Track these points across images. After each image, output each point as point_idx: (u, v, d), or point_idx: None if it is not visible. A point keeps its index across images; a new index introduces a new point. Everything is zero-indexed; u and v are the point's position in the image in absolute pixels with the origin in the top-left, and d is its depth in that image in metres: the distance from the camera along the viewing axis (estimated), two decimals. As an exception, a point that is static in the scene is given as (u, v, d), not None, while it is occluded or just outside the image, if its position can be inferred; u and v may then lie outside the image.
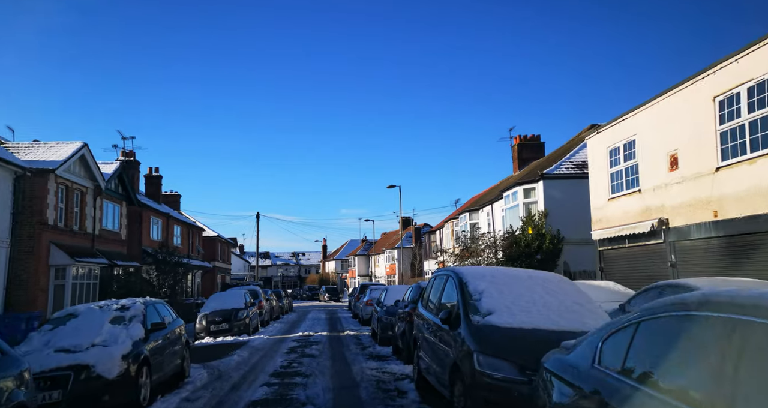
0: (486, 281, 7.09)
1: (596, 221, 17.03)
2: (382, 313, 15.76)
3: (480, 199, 35.03)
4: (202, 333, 19.21)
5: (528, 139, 34.04)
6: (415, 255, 62.49)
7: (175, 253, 25.54)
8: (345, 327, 23.08)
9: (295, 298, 80.00)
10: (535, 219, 21.80)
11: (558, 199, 21.66)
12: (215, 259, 47.00)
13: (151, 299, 10.15)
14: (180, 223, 37.08)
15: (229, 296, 21.27)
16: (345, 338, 18.16)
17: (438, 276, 8.75)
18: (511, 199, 24.11)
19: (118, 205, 26.59)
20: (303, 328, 22.87)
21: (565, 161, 22.60)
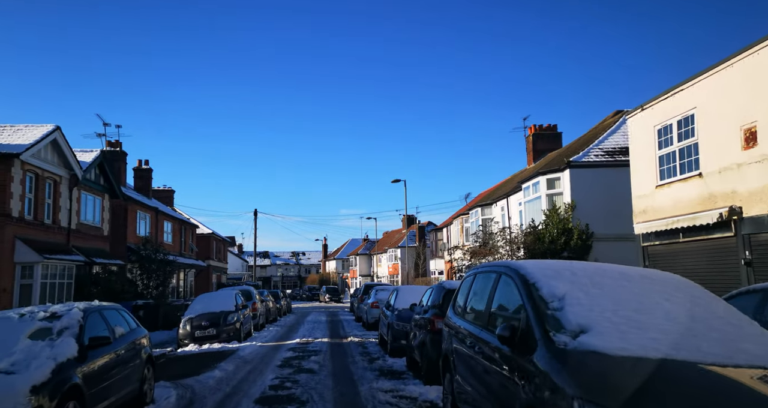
0: (566, 281, 4.79)
1: (640, 213, 14.72)
2: (393, 319, 13.47)
3: (492, 194, 32.72)
4: (186, 339, 16.91)
5: (544, 129, 31.76)
6: (419, 254, 60.25)
7: (161, 249, 23.28)
8: (348, 332, 20.78)
9: (295, 298, 77.78)
10: (560, 212, 19.50)
11: (587, 190, 19.35)
12: (210, 257, 44.71)
13: (100, 304, 7.86)
14: (171, 218, 34.79)
15: (218, 297, 18.97)
16: (349, 346, 15.86)
17: (481, 273, 6.45)
18: (532, 191, 21.80)
19: (100, 197, 24.30)
20: (301, 333, 20.57)
21: (594, 148, 20.28)
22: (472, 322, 6.06)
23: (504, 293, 5.37)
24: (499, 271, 5.69)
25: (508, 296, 5.23)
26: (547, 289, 4.65)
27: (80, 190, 22.25)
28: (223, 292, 20.26)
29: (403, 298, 14.27)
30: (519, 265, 5.32)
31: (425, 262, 60.09)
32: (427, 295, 10.85)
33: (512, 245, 20.05)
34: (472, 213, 31.50)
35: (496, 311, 5.41)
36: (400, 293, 14.59)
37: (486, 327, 5.43)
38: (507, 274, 5.38)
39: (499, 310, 5.36)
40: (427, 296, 10.79)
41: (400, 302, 14.13)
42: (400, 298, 14.36)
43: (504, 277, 5.43)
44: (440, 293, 9.78)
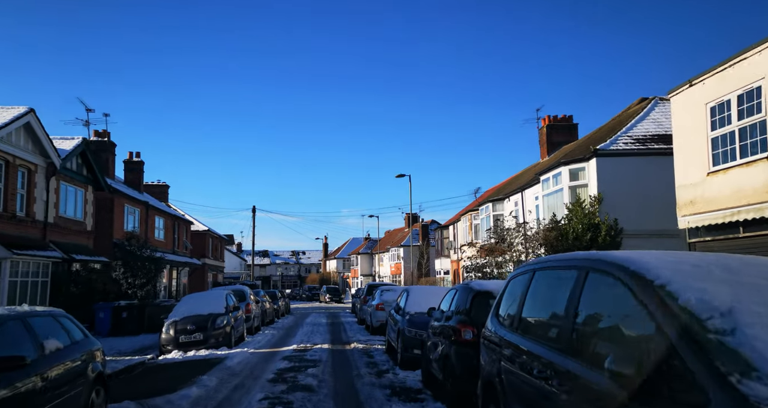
0: (717, 281, 2.95)
1: (686, 204, 12.86)
2: (404, 324, 11.62)
3: (502, 189, 30.87)
4: (168, 345, 15.06)
5: (558, 120, 29.90)
6: (422, 253, 58.42)
7: (148, 245, 21.44)
8: (351, 336, 18.94)
9: (294, 298, 76.01)
10: (585, 206, 17.66)
11: (615, 181, 17.51)
12: (205, 255, 42.89)
13: (29, 309, 6.00)
14: (163, 214, 32.95)
15: (206, 298, 17.12)
16: (352, 355, 14.02)
17: (545, 270, 4.60)
18: (552, 183, 19.95)
19: (82, 189, 22.48)
20: (299, 338, 18.72)
21: (622, 136, 18.43)
22: (535, 340, 4.20)
23: (598, 300, 3.51)
24: (582, 266, 3.83)
25: (609, 305, 3.37)
26: (695, 297, 2.79)
27: (59, 180, 20.43)
28: (212, 293, 18.42)
29: (416, 300, 12.42)
30: (625, 258, 3.45)
31: (428, 261, 58.29)
32: (449, 298, 9.00)
33: (531, 242, 18.19)
34: (482, 209, 29.66)
35: (584, 328, 3.55)
36: (412, 295, 12.73)
37: (567, 351, 3.59)
38: (602, 270, 3.52)
39: (592, 326, 3.50)
40: (449, 300, 8.94)
41: (412, 305, 12.29)
42: (411, 300, 12.51)
43: (596, 276, 3.58)
44: (467, 296, 7.93)
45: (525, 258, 18.37)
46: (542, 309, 4.32)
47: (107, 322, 19.58)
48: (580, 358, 3.39)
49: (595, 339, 3.35)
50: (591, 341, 3.39)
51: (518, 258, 18.56)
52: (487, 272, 18.69)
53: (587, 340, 3.44)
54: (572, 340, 3.58)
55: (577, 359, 3.42)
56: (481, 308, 7.77)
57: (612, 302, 3.33)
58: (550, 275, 4.36)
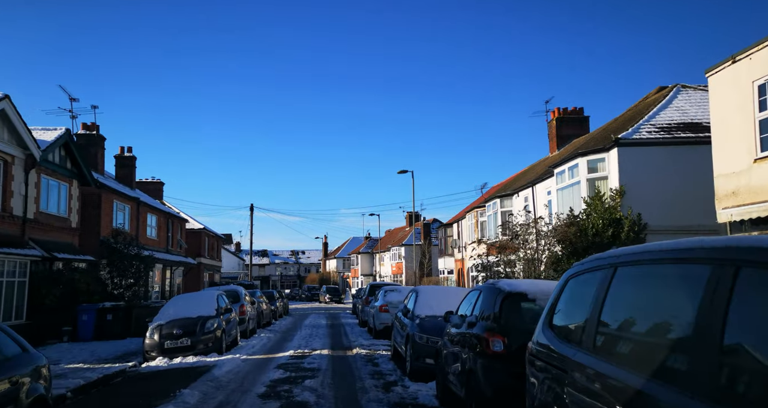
0: None
1: (727, 195, 11.53)
2: (413, 329, 10.30)
3: (510, 184, 29.53)
4: (153, 351, 13.74)
5: (569, 113, 28.58)
6: (424, 253, 57.15)
7: (135, 242, 20.09)
8: (352, 341, 17.61)
9: (294, 298, 74.72)
10: (605, 199, 16.33)
11: (638, 173, 16.18)
12: (201, 254, 41.55)
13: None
14: (155, 211, 31.60)
15: (195, 300, 15.80)
16: (355, 362, 12.69)
17: (630, 265, 3.24)
18: (568, 176, 18.61)
19: (66, 183, 21.13)
20: (297, 342, 17.40)
21: (644, 124, 17.10)
22: (635, 369, 2.83)
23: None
24: (723, 258, 2.46)
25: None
26: None
27: (40, 173, 19.09)
28: (202, 294, 17.09)
29: (426, 302, 11.10)
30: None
31: (431, 260, 57.03)
32: (470, 300, 7.67)
33: (547, 238, 16.84)
34: (489, 205, 28.32)
35: (743, 360, 2.19)
36: (422, 296, 11.40)
37: (708, 395, 2.24)
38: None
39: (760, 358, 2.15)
40: (470, 302, 7.61)
41: (422, 308, 10.96)
42: (421, 302, 11.18)
43: (759, 273, 2.23)
44: (495, 299, 6.60)
45: (539, 256, 17.04)
46: (642, 322, 2.97)
47: (91, 325, 18.25)
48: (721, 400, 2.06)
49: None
50: (758, 381, 2.05)
51: (532, 256, 17.23)
52: (498, 271, 17.37)
53: (751, 380, 2.10)
54: (718, 378, 2.23)
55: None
56: (513, 313, 6.46)
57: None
58: (650, 273, 3.02)
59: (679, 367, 2.47)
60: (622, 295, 3.25)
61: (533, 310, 6.33)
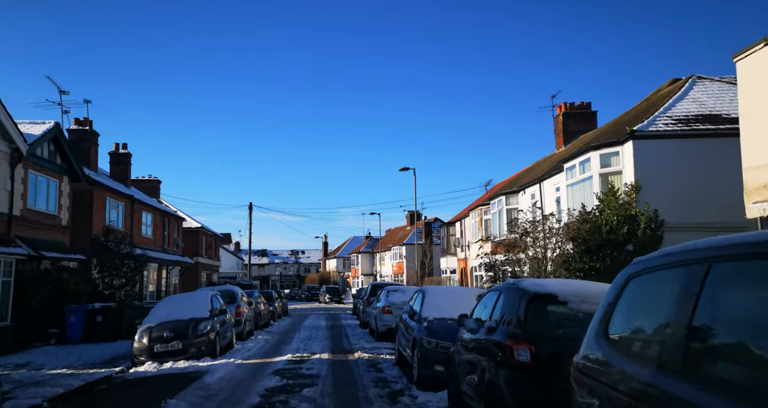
0: None
1: (757, 189, 10.72)
2: (421, 333, 9.49)
3: (515, 181, 28.74)
4: (142, 355, 12.92)
5: (576, 107, 27.80)
6: (425, 252, 56.37)
7: (127, 240, 19.25)
8: (354, 343, 16.79)
9: (293, 298, 73.99)
10: (619, 195, 15.52)
11: (654, 167, 15.38)
12: (199, 254, 40.75)
13: None
14: (151, 209, 30.78)
15: (188, 300, 15.00)
16: (357, 367, 11.88)
17: (732, 260, 2.44)
18: (579, 171, 17.80)
19: (56, 179, 20.32)
20: (295, 345, 16.59)
21: (660, 116, 16.29)
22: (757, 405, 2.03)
23: None
24: None
25: None
26: None
27: (27, 168, 18.28)
28: (196, 294, 16.29)
29: (435, 304, 10.29)
30: None
31: (432, 260, 56.27)
32: (487, 303, 6.85)
33: (558, 236, 16.02)
34: (493, 203, 27.51)
35: None
36: (429, 297, 10.58)
37: None
38: None
39: None
40: (487, 305, 6.80)
41: (429, 310, 10.15)
42: (429, 303, 10.36)
43: None
44: (519, 301, 5.79)
45: (549, 254, 16.22)
46: (763, 337, 2.15)
47: (79, 327, 17.44)
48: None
49: None
50: None
51: (542, 254, 16.40)
52: (506, 271, 16.55)
53: None
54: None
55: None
56: (540, 318, 5.66)
57: None
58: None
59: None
60: (722, 300, 2.43)
61: (565, 314, 5.53)
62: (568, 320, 5.53)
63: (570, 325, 5.48)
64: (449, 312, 10.00)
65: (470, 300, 10.51)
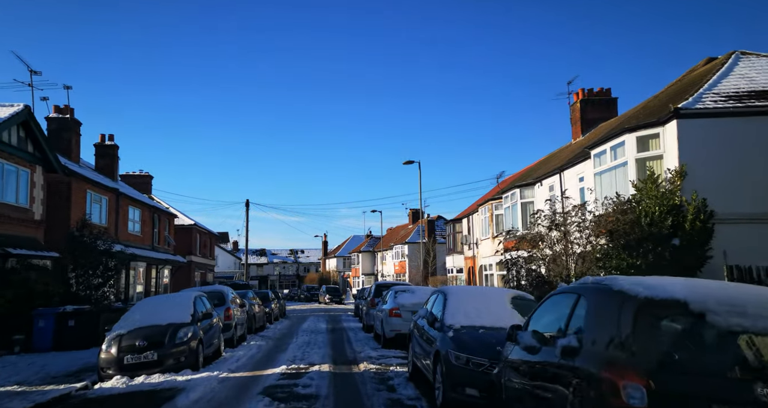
0: None
1: None
2: (446, 345, 7.54)
3: (530, 173, 26.78)
4: (109, 368, 10.97)
5: (594, 95, 25.87)
6: (429, 251, 54.44)
7: (105, 236, 17.24)
8: (358, 351, 14.84)
9: (292, 299, 72.08)
10: (660, 183, 13.60)
11: (702, 150, 13.45)
12: (192, 252, 38.79)
13: None
14: (138, 204, 28.80)
15: (168, 303, 13.04)
16: (364, 384, 9.94)
17: None
18: (610, 157, 15.86)
19: (27, 169, 18.39)
20: (292, 353, 14.64)
21: (706, 92, 14.35)
22: None
23: None
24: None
25: None
26: None
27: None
28: (177, 296, 14.32)
29: (461, 308, 8.34)
30: None
31: (435, 259, 54.37)
32: (555, 310, 4.90)
33: (590, 229, 14.06)
34: (506, 197, 25.55)
35: None
36: (453, 300, 8.61)
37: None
38: None
39: None
40: (556, 313, 4.84)
41: (455, 315, 8.20)
42: (453, 307, 8.41)
43: None
44: (621, 310, 3.84)
45: (581, 249, 14.26)
46: None
47: (49, 332, 15.48)
48: None
49: None
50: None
51: (570, 249, 14.42)
52: (532, 269, 14.56)
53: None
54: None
55: None
56: (657, 337, 3.71)
57: None
58: None
59: None
60: None
61: (702, 332, 3.59)
62: (710, 342, 3.59)
63: (710, 349, 3.54)
64: (480, 318, 8.09)
65: (503, 303, 8.59)
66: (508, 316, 8.18)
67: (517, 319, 8.17)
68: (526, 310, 8.52)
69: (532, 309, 8.73)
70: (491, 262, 28.40)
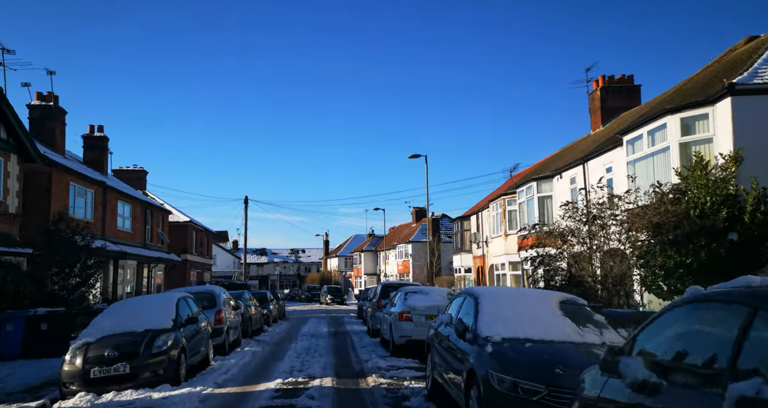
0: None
1: None
2: (484, 363, 5.81)
3: (546, 166, 25.06)
4: (73, 382, 9.29)
5: (615, 82, 24.17)
6: (433, 250, 52.75)
7: (84, 231, 15.48)
8: (364, 360, 13.13)
9: (293, 299, 70.42)
10: (710, 169, 11.89)
11: (763, 133, 11.74)
12: (187, 250, 37.11)
13: None
14: (128, 198, 27.12)
15: (146, 306, 11.31)
16: (375, 404, 8.23)
17: None
18: (648, 142, 14.15)
19: (1, 158, 16.71)
20: (289, 362, 12.94)
21: (763, 67, 12.61)
22: None
23: None
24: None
25: None
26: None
27: (-44, 139, 14.67)
28: (157, 298, 12.66)
29: (498, 315, 6.63)
30: None
31: (440, 259, 52.66)
32: (702, 329, 3.16)
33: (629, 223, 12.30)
34: (521, 191, 23.83)
35: None
36: (487, 305, 6.88)
37: None
38: None
39: None
40: (711, 336, 3.09)
41: (491, 324, 6.49)
42: (488, 314, 6.70)
43: None
44: None
45: (622, 245, 12.52)
46: None
47: (18, 337, 13.82)
48: None
49: None
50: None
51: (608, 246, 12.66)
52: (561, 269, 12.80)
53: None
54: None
55: None
56: None
57: None
58: None
59: None
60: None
61: None
62: None
63: None
64: (524, 329, 6.41)
65: (550, 309, 6.90)
66: (558, 326, 6.49)
67: (571, 330, 6.48)
68: (581, 318, 6.83)
69: (586, 317, 7.05)
70: (503, 261, 26.71)
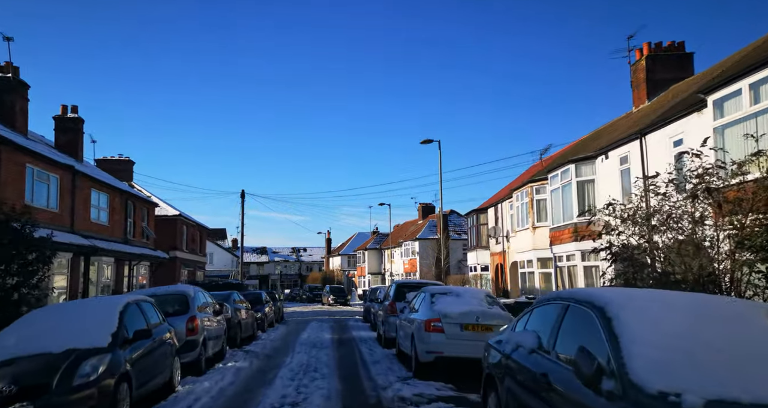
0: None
1: None
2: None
3: (582, 147, 21.84)
4: (-55, 435, 6.12)
5: (663, 50, 20.94)
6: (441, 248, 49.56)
7: (27, 219, 12.31)
8: (380, 384, 9.93)
9: (294, 299, 67.33)
10: None
11: None
12: (177, 247, 33.93)
13: None
14: (105, 187, 23.94)
15: (76, 315, 8.11)
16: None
17: None
18: (749, 101, 10.91)
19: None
20: (281, 387, 9.74)
21: None
22: None
23: None
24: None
25: None
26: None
27: None
28: (97, 302, 9.37)
29: (669, 344, 3.38)
30: None
31: (449, 257, 49.52)
32: None
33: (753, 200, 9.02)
34: (554, 176, 20.58)
35: None
36: (634, 325, 3.58)
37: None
38: None
39: None
40: None
41: (656, 365, 3.23)
42: (641, 344, 3.42)
43: None
44: None
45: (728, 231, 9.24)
46: None
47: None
48: None
49: None
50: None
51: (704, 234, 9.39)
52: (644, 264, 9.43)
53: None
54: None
55: None
56: None
57: None
58: None
59: None
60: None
61: None
62: None
63: None
64: (726, 375, 3.15)
65: (753, 332, 3.64)
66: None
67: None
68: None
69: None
70: (530, 258, 23.51)
